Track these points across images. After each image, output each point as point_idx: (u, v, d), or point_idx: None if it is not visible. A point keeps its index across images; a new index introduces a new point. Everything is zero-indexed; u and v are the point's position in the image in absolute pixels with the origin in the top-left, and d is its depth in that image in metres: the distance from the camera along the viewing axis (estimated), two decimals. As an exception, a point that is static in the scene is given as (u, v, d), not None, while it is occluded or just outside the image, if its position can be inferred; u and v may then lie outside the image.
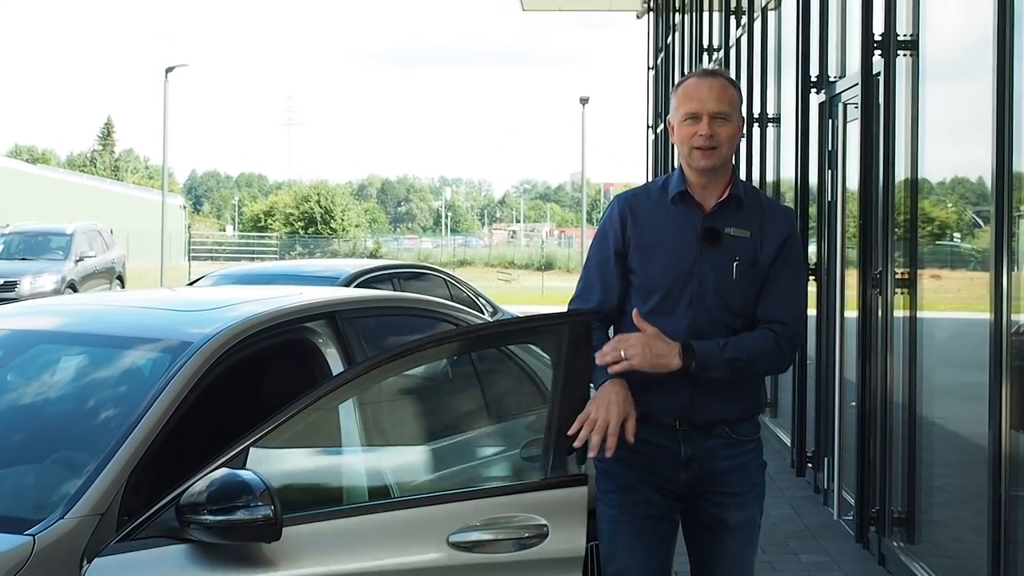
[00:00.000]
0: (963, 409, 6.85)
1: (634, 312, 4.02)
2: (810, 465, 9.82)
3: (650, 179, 27.59)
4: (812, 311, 9.74)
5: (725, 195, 4.12)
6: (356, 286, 10.32)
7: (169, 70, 40.61)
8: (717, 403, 4.11)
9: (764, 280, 4.12)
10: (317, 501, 4.03)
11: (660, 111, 25.28)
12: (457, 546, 3.95)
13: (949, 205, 7.37)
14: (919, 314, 7.20)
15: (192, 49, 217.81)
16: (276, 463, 3.81)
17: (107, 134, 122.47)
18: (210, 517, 3.55)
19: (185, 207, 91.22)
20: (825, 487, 9.22)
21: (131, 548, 3.58)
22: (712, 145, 4.04)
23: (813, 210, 10.06)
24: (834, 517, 8.62)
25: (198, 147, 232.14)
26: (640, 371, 3.98)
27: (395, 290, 10.92)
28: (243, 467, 3.66)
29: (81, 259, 27.20)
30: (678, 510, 4.23)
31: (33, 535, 3.52)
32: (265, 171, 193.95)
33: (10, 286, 25.18)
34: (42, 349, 4.58)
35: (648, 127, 27.83)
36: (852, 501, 8.16)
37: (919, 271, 7.25)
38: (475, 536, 3.99)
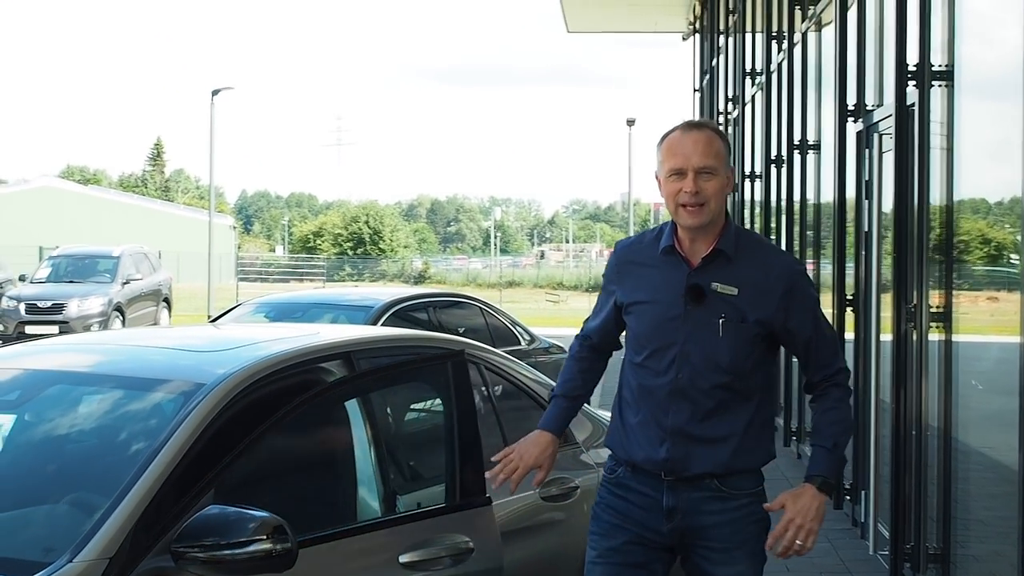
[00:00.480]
0: (1000, 439, 6.75)
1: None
2: (848, 498, 9.71)
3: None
4: (849, 336, 9.65)
5: (710, 250, 4.04)
6: (391, 315, 10.33)
7: (215, 93, 40.86)
8: (700, 457, 4.04)
9: (787, 339, 4.10)
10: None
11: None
12: (406, 566, 4.28)
13: (985, 234, 7.28)
14: (954, 345, 7.11)
15: (243, 70, 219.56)
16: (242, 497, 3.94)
17: (157, 155, 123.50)
18: (227, 551, 3.63)
19: (235, 227, 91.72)
20: (862, 520, 9.11)
21: None
22: (699, 202, 3.98)
23: (851, 239, 9.97)
24: (870, 552, 8.52)
25: (249, 167, 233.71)
26: (630, 419, 4.14)
27: (431, 319, 10.93)
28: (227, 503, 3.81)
29: (128, 282, 27.38)
30: (665, 561, 4.15)
31: (45, 578, 3.52)
32: (315, 191, 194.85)
33: (58, 309, 25.39)
34: (59, 390, 4.58)
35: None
36: (888, 535, 8.06)
37: (953, 302, 7.15)
38: (419, 555, 4.34)
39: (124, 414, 4.35)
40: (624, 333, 4.28)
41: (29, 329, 24.90)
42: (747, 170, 17.34)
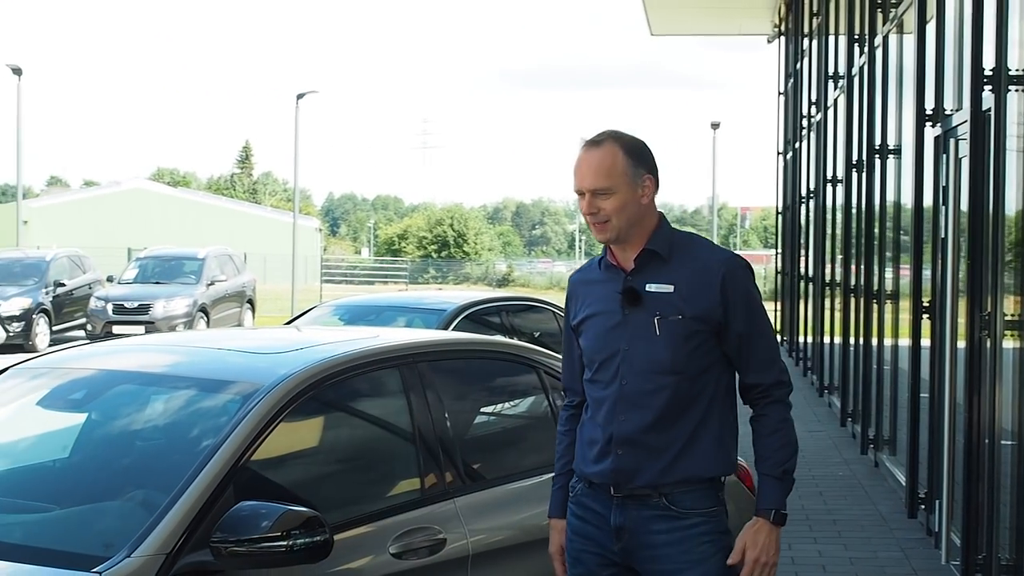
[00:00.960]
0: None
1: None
2: (922, 506, 9.59)
3: (779, 207, 27.36)
4: (925, 343, 9.55)
5: (640, 252, 4.00)
6: (463, 319, 10.35)
7: (300, 96, 41.20)
8: (644, 470, 3.93)
9: (722, 335, 3.97)
10: None
11: (790, 137, 25.03)
12: (394, 555, 4.32)
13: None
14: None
15: (331, 72, 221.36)
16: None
17: (245, 157, 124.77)
18: (264, 544, 3.74)
19: (321, 230, 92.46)
20: (936, 530, 9.00)
21: None
22: (600, 220, 3.95)
23: (928, 246, 9.86)
24: (942, 561, 8.41)
25: (336, 170, 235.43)
26: (586, 434, 4.08)
27: (504, 323, 10.94)
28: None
29: (212, 283, 27.70)
30: None
31: (99, 573, 3.60)
32: (401, 194, 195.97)
33: (144, 309, 25.75)
34: (123, 390, 4.66)
35: (778, 153, 27.56)
36: (960, 545, 7.95)
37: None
38: (402, 545, 4.37)
39: (186, 414, 4.44)
40: None
41: (116, 329, 25.25)
42: (829, 175, 17.20)
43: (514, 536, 4.72)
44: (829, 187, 17.13)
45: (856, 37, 14.18)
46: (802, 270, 21.83)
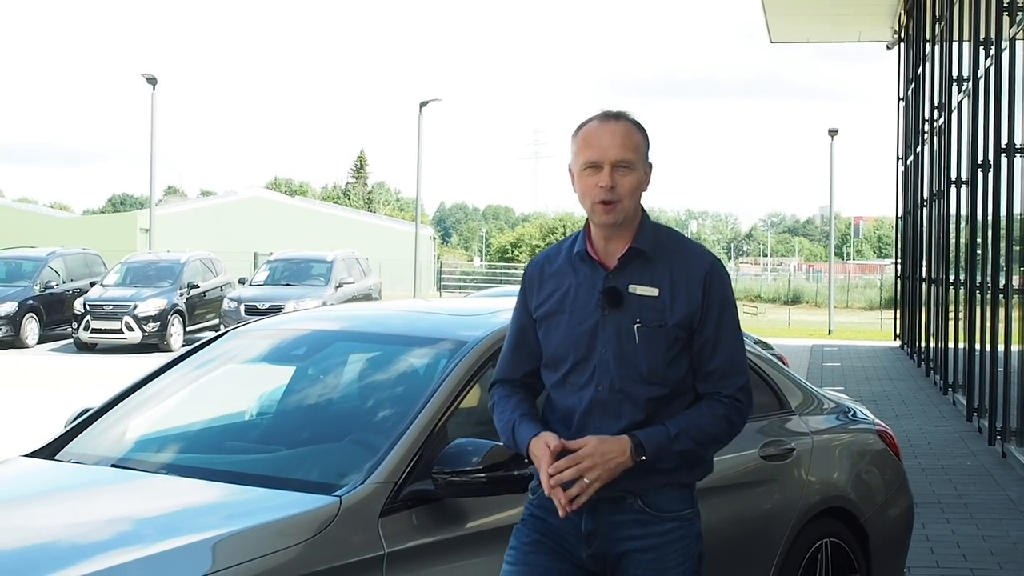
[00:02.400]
0: None
1: (557, 443, 3.64)
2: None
3: (899, 212, 27.51)
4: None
5: (626, 250, 3.77)
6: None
7: (423, 104, 42.01)
8: (621, 476, 3.66)
9: (689, 341, 3.76)
10: None
11: (910, 142, 25.19)
12: None
13: None
14: None
15: (441, 83, 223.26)
16: None
17: (360, 167, 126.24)
18: (476, 475, 4.19)
19: (434, 238, 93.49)
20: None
21: (409, 508, 4.24)
22: (613, 199, 3.70)
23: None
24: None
25: (447, 180, 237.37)
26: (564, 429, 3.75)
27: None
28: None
29: (340, 285, 28.49)
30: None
31: (340, 496, 4.16)
32: (511, 203, 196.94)
33: (275, 310, 26.53)
34: (338, 347, 5.25)
35: (898, 159, 27.71)
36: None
37: None
38: None
39: (400, 365, 5.01)
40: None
41: (249, 329, 26.10)
42: (953, 176, 17.43)
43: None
44: (953, 188, 17.36)
45: (982, 40, 14.45)
46: (923, 273, 22.00)
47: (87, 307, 26.80)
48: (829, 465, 5.92)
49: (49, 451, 5.17)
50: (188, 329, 28.10)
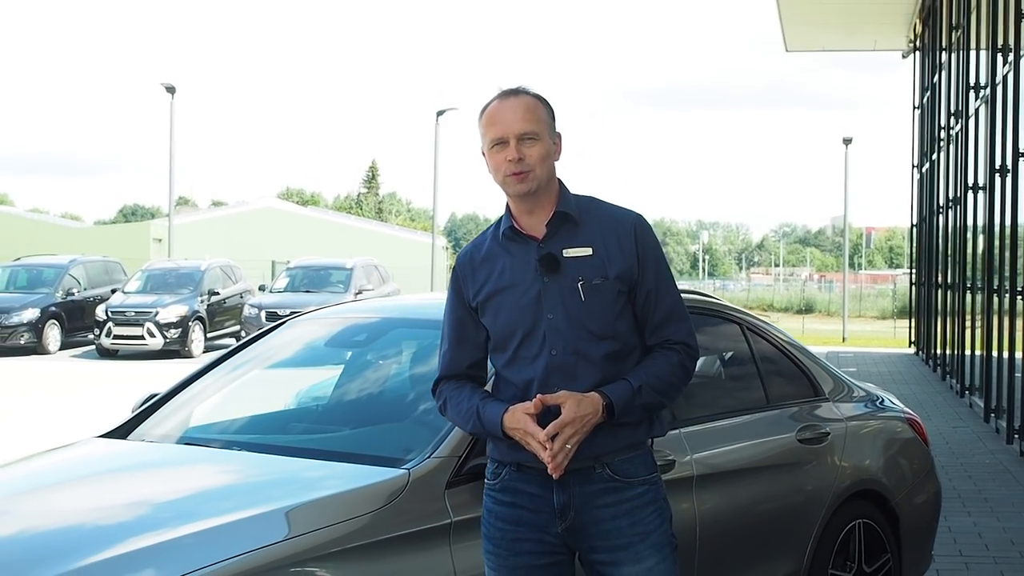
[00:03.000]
0: None
1: (536, 400, 3.72)
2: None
3: (914, 220, 27.73)
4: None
5: (551, 217, 3.87)
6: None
7: (440, 113, 42.32)
8: (586, 440, 3.75)
9: (632, 296, 3.87)
10: None
11: (926, 150, 25.42)
12: None
13: None
14: None
15: (453, 93, 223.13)
16: None
17: (372, 177, 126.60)
18: None
19: (447, 248, 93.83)
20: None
21: (472, 481, 4.43)
22: (523, 169, 3.80)
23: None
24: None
25: (458, 191, 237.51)
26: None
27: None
28: None
29: (360, 292, 28.75)
30: (569, 570, 3.94)
31: (408, 469, 4.40)
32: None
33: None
34: (396, 332, 5.51)
35: (913, 167, 27.94)
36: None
37: None
38: None
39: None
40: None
41: (270, 335, 26.35)
42: (970, 182, 17.66)
43: (730, 463, 5.42)
44: (971, 194, 17.58)
45: (1000, 47, 14.69)
46: (939, 279, 22.21)
47: (109, 314, 27.12)
48: (861, 450, 6.16)
49: (121, 432, 5.44)
50: (208, 336, 28.40)
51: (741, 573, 5.37)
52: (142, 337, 26.96)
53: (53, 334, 28.23)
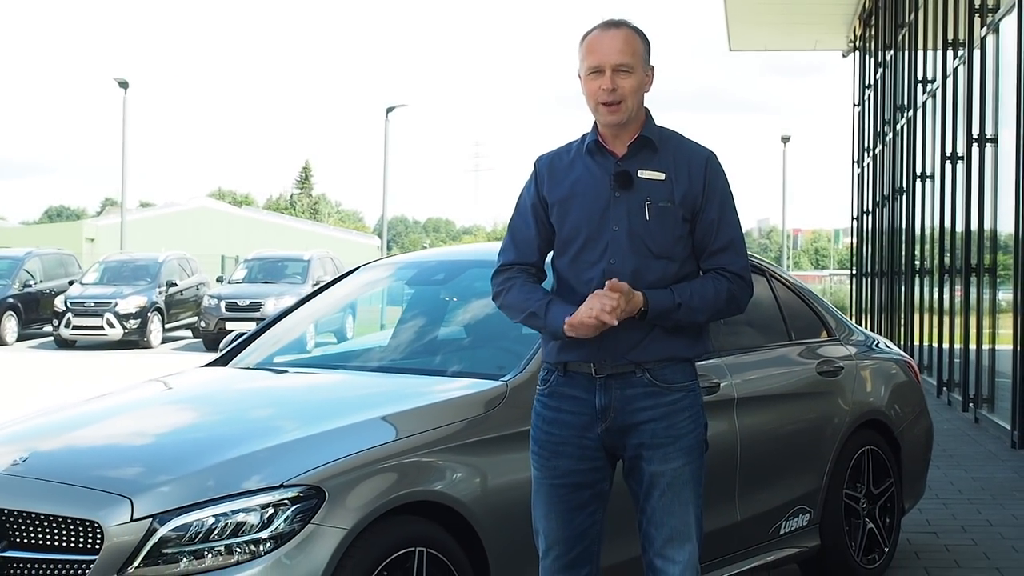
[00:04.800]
0: None
1: (610, 282, 3.92)
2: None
3: (854, 214, 28.72)
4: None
5: (634, 140, 4.12)
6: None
7: (390, 110, 42.91)
8: (629, 346, 4.05)
9: (694, 224, 4.11)
10: None
11: (866, 146, 26.39)
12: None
13: None
14: None
15: (382, 95, 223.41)
16: None
17: (305, 178, 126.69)
18: None
19: (380, 248, 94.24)
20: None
21: None
22: (616, 99, 4.04)
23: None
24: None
25: (387, 191, 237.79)
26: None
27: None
28: None
29: (317, 283, 29.26)
30: (607, 473, 4.20)
31: (506, 381, 5.08)
32: (452, 216, 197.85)
33: (255, 307, 27.28)
34: (471, 272, 6.19)
35: (853, 162, 28.93)
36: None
37: None
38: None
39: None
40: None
41: (229, 325, 26.69)
42: (918, 171, 18.56)
43: (763, 389, 6.13)
44: (919, 182, 18.48)
45: (951, 42, 15.57)
46: (885, 267, 23.12)
47: (68, 304, 27.50)
48: (868, 384, 6.91)
49: (221, 363, 6.08)
50: (166, 327, 28.81)
51: (773, 487, 6.09)
52: (101, 327, 27.33)
53: (10, 325, 28.52)
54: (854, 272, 29.83)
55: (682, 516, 4.11)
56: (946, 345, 15.75)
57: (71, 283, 29.58)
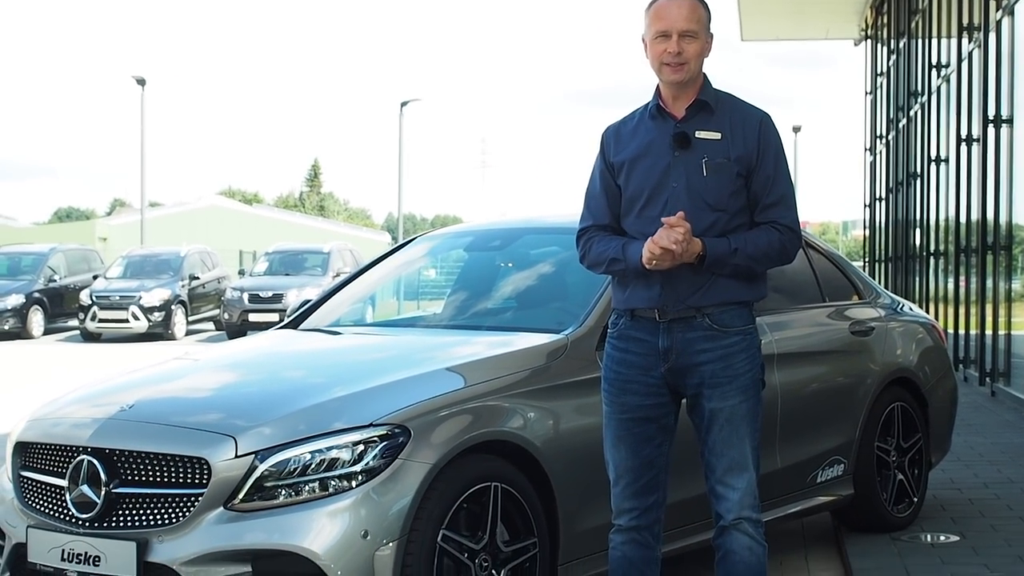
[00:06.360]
0: None
1: (678, 215, 4.29)
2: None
3: (867, 201, 29.10)
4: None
5: (691, 103, 4.48)
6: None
7: (404, 104, 43.30)
8: (690, 293, 4.42)
9: (749, 180, 4.45)
10: None
11: (879, 134, 26.76)
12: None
13: None
14: None
15: (391, 93, 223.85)
16: None
17: (314, 176, 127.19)
18: None
19: (390, 244, 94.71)
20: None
21: None
22: (680, 62, 4.41)
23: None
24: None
25: (394, 189, 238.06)
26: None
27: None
28: None
29: (338, 275, 29.62)
30: (671, 410, 4.56)
31: (567, 335, 5.49)
32: (459, 213, 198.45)
33: (277, 298, 27.68)
34: (526, 239, 6.60)
35: (866, 150, 29.29)
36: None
37: None
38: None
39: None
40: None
41: (252, 317, 27.18)
42: (932, 155, 18.92)
43: (800, 346, 6.52)
44: (933, 166, 18.85)
45: (965, 26, 15.94)
46: (900, 250, 23.49)
47: (94, 298, 27.94)
48: (898, 344, 7.31)
49: (291, 326, 6.50)
50: (189, 319, 29.25)
51: (809, 438, 6.49)
52: (127, 320, 27.78)
53: (37, 319, 28.97)
54: (867, 259, 30.20)
55: (740, 448, 4.46)
56: (962, 322, 16.13)
57: (95, 277, 30.04)
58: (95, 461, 4.81)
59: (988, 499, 7.98)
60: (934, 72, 18.73)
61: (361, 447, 4.66)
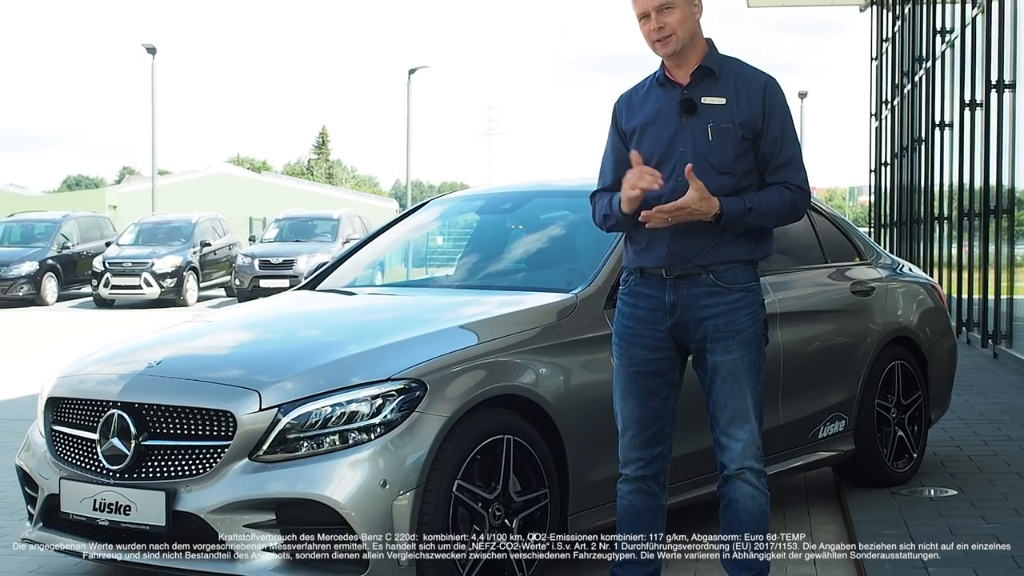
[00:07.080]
0: None
1: (687, 168, 4.46)
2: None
3: (872, 166, 29.23)
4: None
5: (695, 70, 4.64)
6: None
7: (412, 71, 43.38)
8: (696, 251, 4.60)
9: (757, 142, 4.60)
10: None
11: (884, 99, 26.87)
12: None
13: None
14: None
15: (396, 60, 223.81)
16: None
17: (322, 143, 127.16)
18: None
19: (398, 211, 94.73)
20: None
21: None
22: (666, 35, 4.57)
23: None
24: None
25: (402, 156, 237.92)
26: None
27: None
28: None
29: (347, 241, 29.79)
30: (678, 364, 4.76)
31: (576, 294, 5.69)
32: (466, 180, 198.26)
33: (288, 264, 27.89)
34: (537, 202, 6.79)
35: (871, 115, 29.41)
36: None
37: None
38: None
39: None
40: None
41: (263, 283, 27.36)
42: (937, 120, 19.06)
43: (802, 305, 6.71)
44: (937, 131, 19.00)
45: (970, -8, 16.07)
46: (905, 215, 23.65)
47: (107, 264, 28.18)
48: (898, 303, 7.49)
49: (308, 287, 6.71)
50: (201, 286, 29.48)
51: (811, 395, 6.69)
52: (139, 287, 28.02)
53: (51, 286, 29.21)
54: (871, 223, 30.36)
55: (741, 400, 4.65)
56: (965, 285, 16.32)
57: (108, 244, 30.24)
58: (125, 415, 5.03)
59: (987, 456, 8.18)
60: (938, 38, 18.85)
61: (379, 401, 4.87)
